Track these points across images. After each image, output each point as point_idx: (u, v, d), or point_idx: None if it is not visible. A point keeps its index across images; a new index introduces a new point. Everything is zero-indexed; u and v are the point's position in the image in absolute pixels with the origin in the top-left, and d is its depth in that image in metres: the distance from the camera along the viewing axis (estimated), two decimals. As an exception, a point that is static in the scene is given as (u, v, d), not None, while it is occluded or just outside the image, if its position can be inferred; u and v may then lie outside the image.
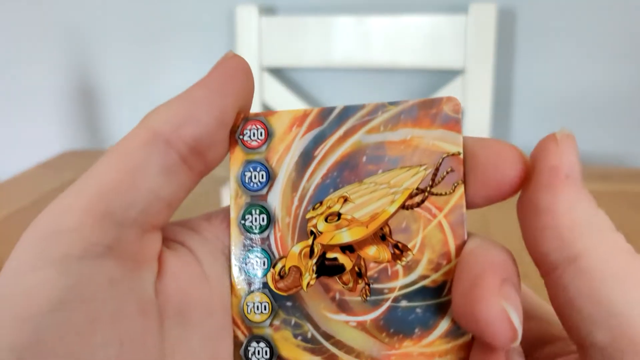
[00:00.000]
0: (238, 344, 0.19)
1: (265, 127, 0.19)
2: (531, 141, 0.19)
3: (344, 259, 0.18)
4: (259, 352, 0.18)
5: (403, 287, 0.18)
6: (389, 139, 0.18)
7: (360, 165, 0.18)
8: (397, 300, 0.18)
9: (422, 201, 0.18)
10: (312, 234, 0.18)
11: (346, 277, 0.18)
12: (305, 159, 0.19)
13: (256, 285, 0.19)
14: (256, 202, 0.19)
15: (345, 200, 0.18)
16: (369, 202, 0.18)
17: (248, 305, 0.19)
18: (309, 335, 0.18)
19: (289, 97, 0.91)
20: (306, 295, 0.18)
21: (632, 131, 0.89)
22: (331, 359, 0.18)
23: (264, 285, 0.19)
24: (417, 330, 0.17)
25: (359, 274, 0.18)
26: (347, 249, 0.18)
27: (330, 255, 0.18)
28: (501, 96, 0.91)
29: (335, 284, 0.18)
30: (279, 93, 0.91)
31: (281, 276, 0.19)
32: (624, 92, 0.87)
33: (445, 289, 0.17)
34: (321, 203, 0.18)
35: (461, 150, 0.17)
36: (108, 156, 0.17)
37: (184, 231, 0.19)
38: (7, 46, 1.07)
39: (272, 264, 0.19)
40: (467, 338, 0.17)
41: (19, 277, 0.15)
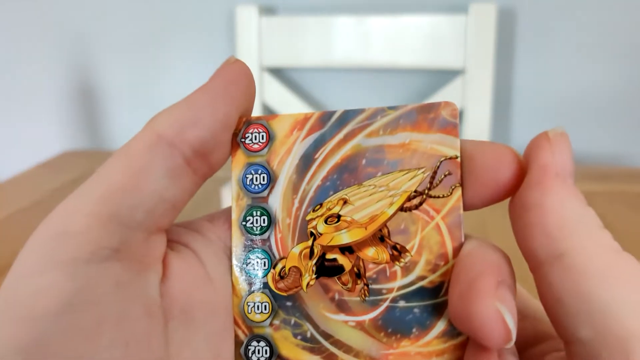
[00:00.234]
0: (238, 343, 0.19)
1: (266, 130, 0.19)
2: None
3: (344, 260, 0.18)
4: (259, 351, 0.19)
5: (401, 288, 0.18)
6: (388, 143, 0.18)
7: (359, 168, 0.19)
8: (395, 300, 0.18)
9: (420, 203, 0.18)
10: (312, 235, 0.19)
11: (345, 277, 0.18)
12: (306, 161, 0.19)
13: (257, 285, 0.19)
14: (257, 204, 0.19)
15: (345, 202, 0.19)
16: (368, 204, 0.18)
17: (248, 305, 0.19)
18: (308, 335, 0.19)
19: (289, 97, 0.91)
20: (306, 296, 0.19)
21: (632, 131, 0.89)
22: (330, 358, 0.18)
23: (265, 285, 0.19)
24: (414, 330, 0.18)
25: (358, 275, 0.18)
26: (346, 250, 0.18)
27: (329, 256, 0.19)
28: (501, 96, 0.91)
29: (334, 284, 0.19)
30: (279, 93, 0.92)
31: (281, 276, 0.19)
32: (623, 92, 0.87)
33: (442, 289, 0.18)
34: (321, 205, 0.19)
35: (458, 154, 0.18)
36: (113, 159, 0.17)
37: (187, 232, 0.19)
38: (7, 46, 1.07)
39: (272, 265, 0.19)
40: (463, 338, 0.17)
41: (27, 280, 0.15)
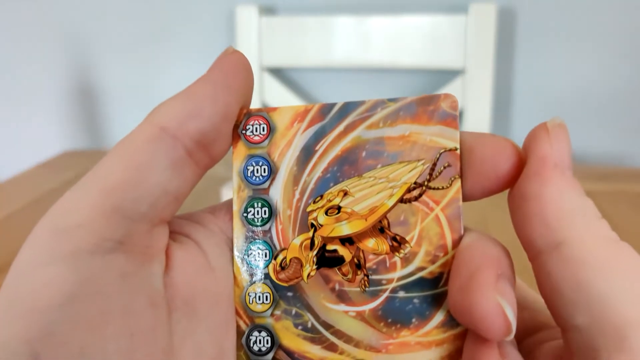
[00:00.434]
0: (240, 333, 0.19)
1: (267, 122, 0.19)
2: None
3: (344, 251, 0.19)
4: (260, 341, 0.19)
5: (401, 279, 0.18)
6: (388, 135, 0.19)
7: (360, 160, 0.19)
8: (395, 291, 0.18)
9: (420, 195, 0.18)
10: (313, 226, 0.19)
11: (346, 268, 0.19)
12: (306, 153, 0.19)
13: (258, 276, 0.19)
14: (258, 195, 0.19)
15: (345, 194, 0.19)
16: (368, 195, 0.18)
17: (250, 296, 0.19)
18: (309, 325, 0.19)
19: (289, 97, 0.91)
20: (306, 286, 0.19)
21: (632, 131, 0.89)
22: (331, 348, 0.18)
23: (266, 276, 0.19)
24: (414, 320, 0.18)
25: (358, 266, 0.18)
26: (346, 241, 0.19)
27: (330, 247, 0.19)
28: (501, 96, 0.91)
29: (335, 275, 0.19)
30: (279, 93, 0.92)
31: (282, 267, 0.19)
32: (623, 92, 0.87)
33: (442, 280, 0.18)
34: (322, 197, 0.19)
35: (458, 146, 0.18)
36: (115, 152, 0.17)
37: (189, 224, 0.20)
38: (7, 46, 1.07)
39: (273, 256, 0.19)
40: (463, 328, 0.17)
41: (31, 272, 0.15)
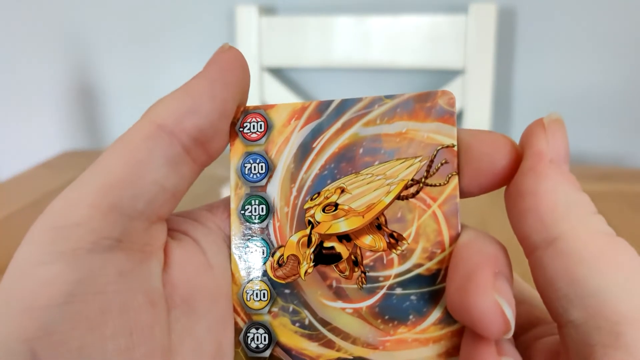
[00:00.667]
0: (238, 330, 0.19)
1: (264, 119, 0.19)
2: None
3: (341, 248, 0.19)
4: (257, 338, 0.19)
5: (398, 275, 0.18)
6: (385, 132, 0.19)
7: (357, 157, 0.19)
8: (392, 287, 0.18)
9: (417, 192, 0.18)
10: (310, 223, 0.19)
11: (343, 265, 0.19)
12: (304, 150, 0.19)
13: (255, 273, 0.19)
14: (256, 192, 0.19)
15: (343, 191, 0.19)
16: (366, 192, 0.18)
17: (247, 293, 0.19)
18: (306, 322, 0.19)
19: (289, 97, 0.91)
20: (304, 283, 0.19)
21: (632, 131, 0.89)
22: (328, 345, 0.18)
23: (263, 273, 0.19)
24: (411, 317, 0.18)
25: (355, 263, 0.18)
26: (344, 238, 0.19)
27: (327, 244, 0.19)
28: (501, 96, 0.91)
29: (332, 272, 0.19)
30: (279, 93, 0.92)
31: (280, 264, 0.19)
32: (623, 92, 0.87)
33: (439, 277, 0.18)
34: (319, 194, 0.19)
35: (455, 143, 0.18)
36: (112, 149, 0.17)
37: (187, 222, 0.20)
38: (7, 46, 1.07)
39: (271, 253, 0.19)
40: (460, 325, 0.17)
41: (29, 271, 0.15)
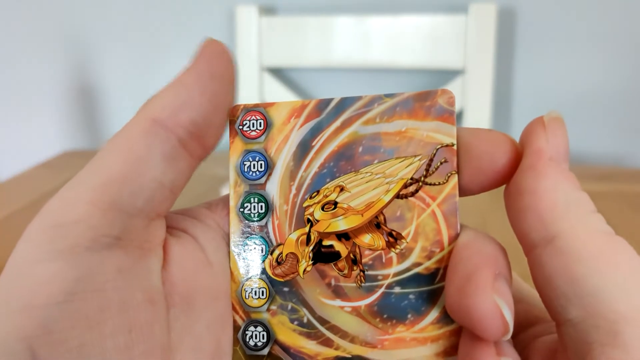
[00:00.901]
0: (236, 328, 0.19)
1: (264, 117, 0.19)
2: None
3: (340, 247, 0.19)
4: (256, 336, 0.19)
5: (397, 274, 0.18)
6: (385, 130, 0.19)
7: (356, 155, 0.19)
8: (390, 286, 0.18)
9: (417, 191, 0.18)
10: (309, 222, 0.19)
11: (342, 263, 0.19)
12: (303, 149, 0.19)
13: (254, 271, 0.19)
14: (255, 190, 0.19)
15: (342, 189, 0.19)
16: (365, 191, 0.18)
17: (246, 291, 0.19)
18: (305, 320, 0.19)
19: (289, 97, 0.91)
20: (302, 281, 0.19)
21: (632, 131, 0.89)
22: (326, 343, 0.18)
23: (262, 271, 0.19)
24: (410, 316, 0.18)
25: (354, 261, 0.18)
26: (342, 236, 0.19)
27: (326, 243, 0.19)
28: (501, 96, 0.91)
29: (331, 270, 0.19)
30: (278, 93, 0.92)
31: (278, 262, 0.19)
32: (623, 92, 0.87)
33: (437, 276, 0.18)
34: (318, 192, 0.19)
35: (455, 142, 0.18)
36: (109, 147, 0.17)
37: (186, 219, 0.20)
38: (7, 46, 1.07)
39: (269, 251, 0.19)
40: (458, 324, 0.17)
41: (28, 269, 0.15)
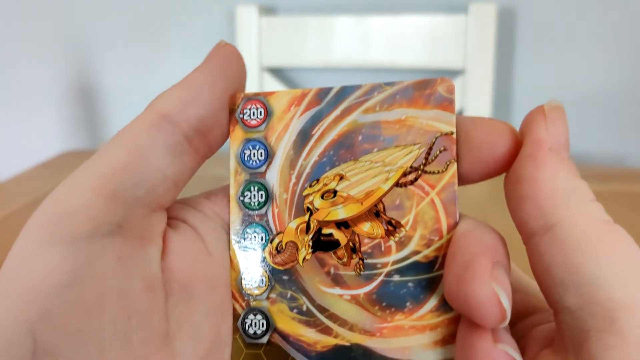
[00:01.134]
0: (236, 316, 0.19)
1: (264, 106, 0.20)
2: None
3: (339, 235, 0.19)
4: (255, 324, 0.19)
5: (396, 262, 0.18)
6: (384, 119, 0.19)
7: (356, 144, 0.19)
8: (389, 274, 0.18)
9: (416, 179, 0.18)
10: (309, 210, 0.19)
11: (341, 252, 0.19)
12: (303, 137, 0.19)
13: (254, 259, 0.19)
14: (255, 179, 0.20)
15: (341, 178, 0.19)
16: (364, 179, 0.19)
17: (246, 279, 0.19)
18: (304, 308, 0.19)
19: (290, 97, 0.91)
20: (302, 270, 0.19)
21: (632, 131, 0.89)
22: (325, 331, 0.18)
23: (262, 259, 0.19)
24: (408, 304, 0.18)
25: (353, 249, 0.18)
26: (342, 225, 0.19)
27: (325, 231, 0.19)
28: (501, 96, 0.91)
29: (330, 258, 0.19)
30: (279, 92, 0.92)
31: (278, 251, 0.19)
32: (623, 93, 0.87)
33: (436, 264, 0.18)
34: (318, 180, 0.19)
35: (454, 130, 0.18)
36: (116, 138, 0.17)
37: (185, 209, 0.20)
38: (7, 46, 1.07)
39: (269, 239, 0.19)
40: (456, 312, 0.17)
41: (29, 255, 0.15)
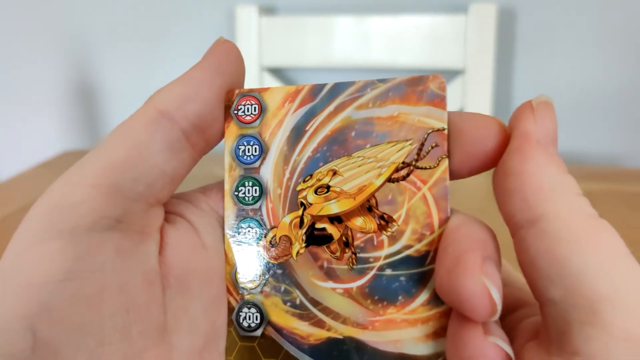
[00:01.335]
0: (230, 309, 0.19)
1: (259, 102, 0.20)
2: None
3: (332, 229, 0.19)
4: (249, 317, 0.19)
5: (388, 257, 0.18)
6: (377, 115, 0.19)
7: (349, 140, 0.19)
8: (382, 268, 0.18)
9: (408, 175, 0.18)
10: (302, 205, 0.19)
11: (334, 246, 0.19)
12: (297, 133, 0.19)
13: (248, 253, 0.19)
14: (249, 174, 0.20)
15: (335, 173, 0.19)
16: (357, 175, 0.19)
17: (240, 273, 0.19)
18: (297, 302, 0.19)
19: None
20: (296, 264, 0.19)
21: (632, 131, 0.89)
22: (318, 324, 0.19)
23: (256, 253, 0.19)
24: (400, 297, 0.18)
25: (346, 244, 0.19)
26: (335, 219, 0.19)
27: (319, 226, 0.19)
28: (501, 96, 0.92)
29: (323, 253, 0.19)
30: (279, 92, 0.92)
31: (272, 245, 0.19)
32: (623, 92, 0.87)
33: (428, 258, 0.18)
34: (311, 176, 0.19)
35: (446, 126, 0.18)
36: (114, 134, 0.18)
37: (181, 203, 0.20)
38: (7, 46, 1.08)
39: (263, 234, 0.19)
40: (448, 306, 0.18)
41: (29, 248, 0.15)
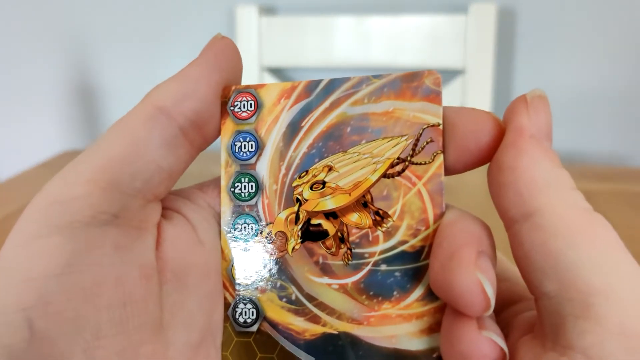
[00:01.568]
0: (226, 305, 0.19)
1: (255, 98, 0.20)
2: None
3: (328, 225, 0.19)
4: (245, 313, 0.19)
5: (383, 252, 0.18)
6: (373, 111, 0.19)
7: (344, 135, 0.19)
8: (377, 264, 0.18)
9: (403, 170, 0.18)
10: (298, 201, 0.19)
11: (329, 242, 0.19)
12: (293, 129, 0.19)
13: (245, 249, 0.19)
14: (245, 170, 0.20)
15: (330, 169, 0.19)
16: (352, 171, 0.19)
17: (236, 269, 0.19)
18: (293, 297, 0.19)
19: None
20: (291, 260, 0.19)
21: (632, 131, 0.89)
22: (314, 320, 0.19)
23: (252, 249, 0.19)
24: (395, 293, 0.18)
25: (342, 239, 0.19)
26: (330, 215, 0.19)
27: (314, 222, 0.19)
28: (501, 96, 0.91)
29: (319, 248, 0.19)
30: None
31: (268, 241, 0.19)
32: (623, 92, 0.87)
33: (423, 253, 0.18)
34: (307, 172, 0.19)
35: (441, 122, 0.18)
36: (112, 130, 0.18)
37: (178, 200, 0.20)
38: (7, 46, 1.08)
39: (259, 230, 0.19)
40: (442, 301, 0.18)
41: (27, 242, 0.16)
